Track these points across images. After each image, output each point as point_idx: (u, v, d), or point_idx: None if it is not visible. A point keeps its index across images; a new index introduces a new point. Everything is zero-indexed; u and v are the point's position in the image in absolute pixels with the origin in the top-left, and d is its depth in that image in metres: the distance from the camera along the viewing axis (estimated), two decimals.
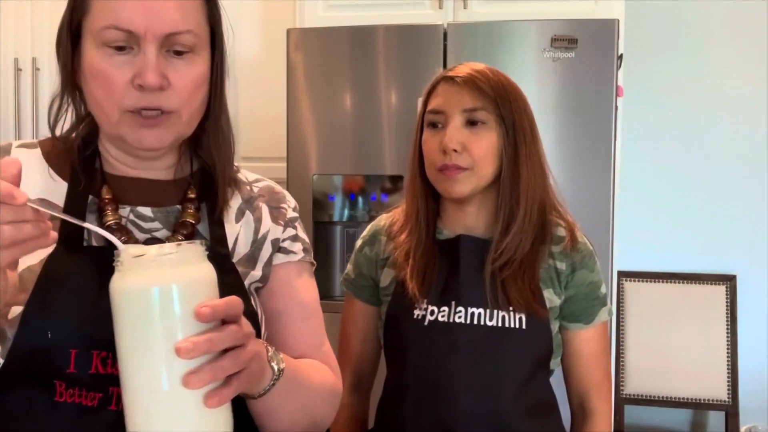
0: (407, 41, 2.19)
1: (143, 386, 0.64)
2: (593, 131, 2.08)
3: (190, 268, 0.65)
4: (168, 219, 0.88)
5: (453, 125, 1.20)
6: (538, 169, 1.24)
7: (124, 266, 0.65)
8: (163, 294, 0.63)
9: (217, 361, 0.64)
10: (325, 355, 0.98)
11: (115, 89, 0.79)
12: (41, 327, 0.76)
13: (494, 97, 1.20)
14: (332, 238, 2.32)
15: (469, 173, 1.20)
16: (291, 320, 0.95)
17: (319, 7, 2.46)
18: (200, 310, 0.63)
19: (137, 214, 0.87)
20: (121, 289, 0.64)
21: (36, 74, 2.79)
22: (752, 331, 2.75)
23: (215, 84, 0.87)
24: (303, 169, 2.26)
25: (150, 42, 0.78)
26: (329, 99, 2.24)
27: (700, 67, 2.80)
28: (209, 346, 0.63)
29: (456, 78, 1.22)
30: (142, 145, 0.82)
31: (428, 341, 1.20)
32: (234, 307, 0.66)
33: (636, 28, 2.68)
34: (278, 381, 0.78)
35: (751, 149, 2.78)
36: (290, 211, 0.99)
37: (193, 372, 0.62)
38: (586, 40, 2.07)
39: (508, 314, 1.18)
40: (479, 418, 1.18)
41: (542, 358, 1.23)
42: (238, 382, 0.66)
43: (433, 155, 1.22)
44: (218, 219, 0.90)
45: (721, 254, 2.79)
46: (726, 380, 2.62)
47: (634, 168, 2.79)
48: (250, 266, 0.92)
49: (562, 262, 1.24)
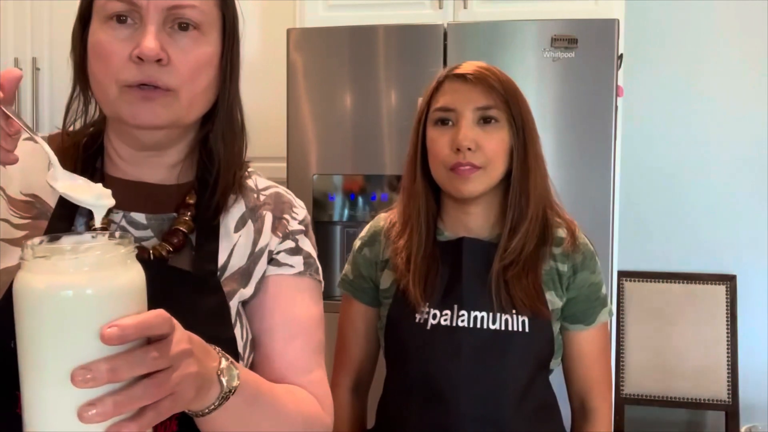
0: (407, 41, 2.19)
1: (38, 410, 0.53)
2: (593, 131, 2.08)
3: (105, 275, 0.52)
4: (162, 227, 0.84)
5: (466, 123, 1.18)
6: (543, 170, 1.23)
7: (26, 261, 0.53)
8: (59, 302, 0.51)
9: (127, 390, 0.53)
10: (314, 383, 0.86)
11: (113, 62, 0.76)
12: (5, 335, 0.71)
13: (505, 96, 1.18)
14: (332, 238, 2.31)
15: (482, 172, 1.18)
16: (273, 339, 0.85)
17: (319, 7, 2.46)
18: (105, 331, 0.51)
19: (129, 220, 0.83)
20: (15, 290, 0.53)
21: (36, 74, 2.79)
22: (752, 331, 2.75)
23: (226, 74, 0.84)
24: (303, 169, 2.26)
25: (152, 14, 0.76)
26: (329, 99, 2.24)
27: (700, 67, 2.80)
28: (112, 376, 0.51)
29: (467, 75, 1.20)
30: (137, 121, 0.78)
31: (430, 346, 1.19)
32: (155, 326, 0.55)
33: (636, 28, 2.68)
34: (227, 400, 0.67)
35: (751, 149, 2.78)
36: (294, 223, 0.91)
37: (91, 403, 0.51)
38: (586, 40, 2.07)
39: (511, 317, 1.17)
40: (481, 423, 1.17)
41: (543, 360, 1.22)
42: (154, 413, 0.55)
43: (443, 154, 1.19)
44: (212, 228, 0.84)
45: (721, 254, 2.79)
46: (726, 380, 2.62)
47: (634, 168, 2.78)
48: (242, 283, 0.84)
49: (564, 263, 1.23)
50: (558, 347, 1.24)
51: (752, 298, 2.76)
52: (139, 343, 0.54)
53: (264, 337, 0.86)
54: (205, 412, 0.66)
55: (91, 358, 0.51)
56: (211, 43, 0.81)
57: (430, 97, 1.24)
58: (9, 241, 0.80)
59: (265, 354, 0.85)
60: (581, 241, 1.25)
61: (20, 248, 0.76)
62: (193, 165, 0.88)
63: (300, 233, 0.92)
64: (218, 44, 0.82)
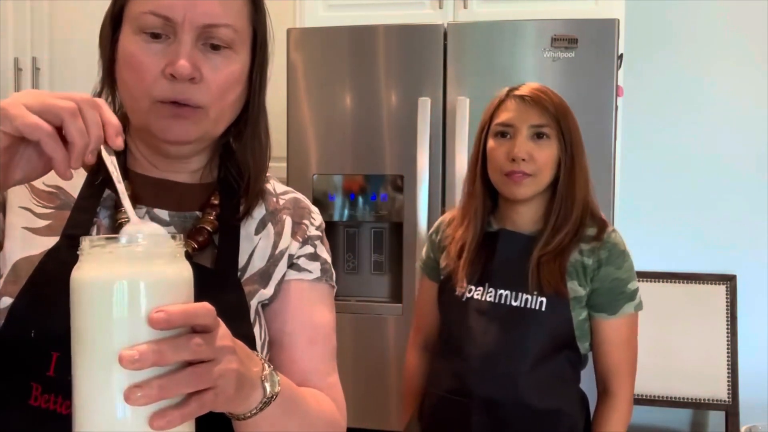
0: (407, 41, 2.19)
1: (87, 393, 0.56)
2: (593, 131, 2.08)
3: (156, 265, 0.57)
4: (185, 224, 0.85)
5: (521, 138, 1.40)
6: (586, 178, 1.45)
7: (83, 255, 0.58)
8: (112, 290, 0.55)
9: (171, 376, 0.55)
10: (331, 386, 0.90)
11: (146, 77, 0.77)
12: (26, 324, 0.73)
13: (556, 115, 1.41)
14: (333, 238, 2.31)
15: (532, 179, 1.40)
16: (295, 342, 0.88)
17: (319, 7, 2.47)
18: (153, 315, 0.54)
19: (153, 216, 0.84)
20: (72, 280, 0.57)
21: (36, 74, 2.79)
22: (752, 331, 2.75)
23: (255, 87, 0.85)
24: (303, 169, 2.26)
25: (186, 31, 0.76)
26: (329, 99, 2.24)
27: (700, 67, 2.80)
28: (157, 358, 0.53)
29: (525, 97, 1.42)
30: (167, 136, 0.79)
31: (463, 313, 1.44)
32: (200, 315, 0.57)
33: (636, 28, 2.68)
34: (269, 405, 0.69)
35: (751, 149, 2.78)
36: (312, 228, 0.93)
37: (137, 386, 0.53)
38: (586, 40, 2.07)
39: (531, 297, 1.39)
40: (493, 378, 1.40)
41: (562, 340, 1.41)
42: (197, 404, 0.57)
43: (500, 161, 1.42)
44: (234, 229, 0.86)
45: (721, 254, 2.79)
46: (726, 380, 2.62)
47: (634, 168, 2.79)
48: (262, 284, 0.86)
49: (590, 258, 1.42)
50: (583, 332, 1.42)
51: (752, 298, 2.76)
52: (184, 332, 0.57)
53: (286, 340, 0.88)
54: (247, 416, 0.68)
55: (140, 342, 0.54)
56: (242, 60, 0.82)
57: (492, 112, 1.46)
58: (31, 230, 0.80)
59: (288, 357, 0.87)
60: (610, 239, 1.42)
61: (41, 237, 0.77)
62: (215, 167, 0.90)
63: (317, 239, 0.93)
64: (248, 59, 0.83)
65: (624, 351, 1.45)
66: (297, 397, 0.77)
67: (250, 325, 0.83)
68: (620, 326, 1.43)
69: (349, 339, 2.23)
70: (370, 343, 2.24)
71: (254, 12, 0.83)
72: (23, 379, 0.74)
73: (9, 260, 0.78)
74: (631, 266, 1.44)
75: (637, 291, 1.44)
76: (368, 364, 2.24)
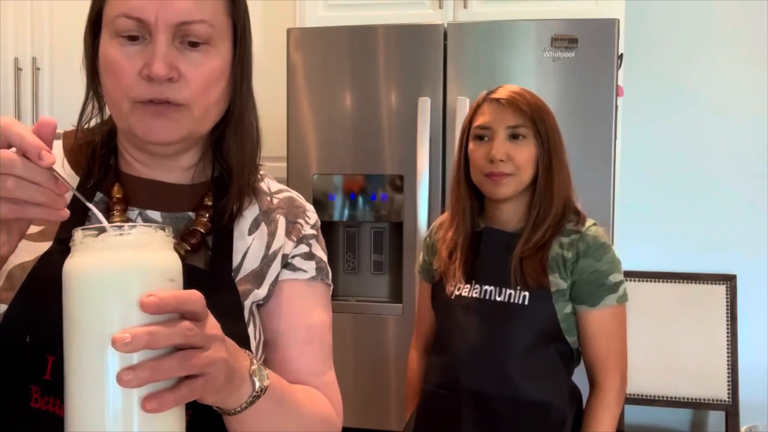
0: (407, 41, 2.19)
1: (80, 377, 0.57)
2: (593, 131, 2.08)
3: (146, 254, 0.59)
4: (177, 226, 0.84)
5: (499, 139, 1.46)
6: (566, 174, 1.49)
7: (75, 245, 0.59)
8: (104, 276, 0.57)
9: (162, 358, 0.56)
10: (327, 385, 0.89)
11: (124, 79, 0.76)
12: (20, 330, 0.73)
13: (531, 116, 1.45)
14: (332, 238, 2.31)
15: (512, 178, 1.45)
16: (291, 342, 0.87)
17: (319, 7, 2.46)
18: (145, 299, 0.55)
19: (145, 217, 0.83)
20: (65, 269, 0.58)
21: (36, 74, 2.79)
22: (752, 331, 2.75)
23: (237, 81, 0.84)
24: (303, 169, 2.26)
25: (161, 31, 0.75)
26: (329, 99, 2.24)
27: (700, 67, 2.80)
28: (149, 340, 0.55)
29: (501, 100, 1.47)
30: (150, 138, 0.78)
31: (451, 310, 1.51)
32: (191, 302, 0.58)
33: (636, 28, 2.68)
34: (259, 399, 0.70)
35: (751, 149, 2.78)
36: (307, 227, 0.92)
37: (130, 368, 0.55)
38: (586, 40, 2.07)
39: (515, 292, 1.44)
40: (480, 370, 1.45)
41: (549, 333, 1.44)
42: (188, 389, 0.58)
43: (480, 163, 1.47)
44: (227, 230, 0.85)
45: (721, 254, 2.79)
46: (726, 380, 2.62)
47: (634, 168, 2.79)
48: (256, 284, 0.86)
49: (569, 251, 1.45)
50: (569, 326, 1.46)
51: (752, 298, 2.76)
52: (175, 318, 0.58)
53: (281, 340, 0.87)
54: (237, 410, 0.69)
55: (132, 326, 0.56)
56: (222, 54, 0.80)
57: (471, 116, 1.52)
58: (25, 237, 0.79)
59: (283, 357, 0.87)
60: (589, 232, 1.46)
61: (34, 243, 0.78)
62: (208, 165, 0.89)
63: (312, 238, 0.93)
64: (229, 53, 0.82)
65: (609, 343, 1.46)
66: (288, 394, 0.78)
67: (244, 326, 0.82)
68: (603, 318, 1.45)
69: (349, 339, 2.23)
70: (370, 343, 2.24)
71: (232, 5, 0.82)
72: (23, 383, 0.74)
73: (4, 268, 0.78)
74: (612, 259, 1.45)
75: (621, 284, 1.46)
76: (368, 364, 2.24)
